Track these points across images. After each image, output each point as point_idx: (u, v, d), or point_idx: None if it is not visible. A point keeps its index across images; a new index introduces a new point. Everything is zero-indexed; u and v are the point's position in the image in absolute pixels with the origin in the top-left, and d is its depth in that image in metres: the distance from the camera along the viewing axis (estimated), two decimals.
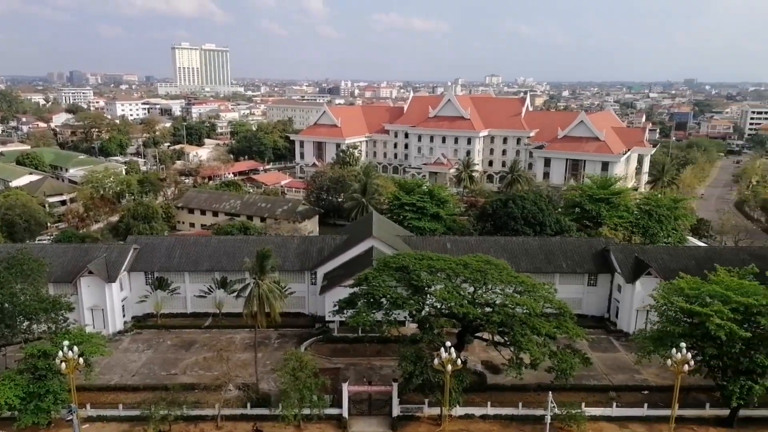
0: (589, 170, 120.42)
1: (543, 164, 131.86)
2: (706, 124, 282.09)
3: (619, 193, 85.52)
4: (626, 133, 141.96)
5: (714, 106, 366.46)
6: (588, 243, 69.66)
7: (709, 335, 42.20)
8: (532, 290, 46.96)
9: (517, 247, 67.84)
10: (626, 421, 46.75)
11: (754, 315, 42.78)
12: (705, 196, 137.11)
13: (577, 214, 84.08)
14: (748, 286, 45.16)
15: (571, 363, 43.35)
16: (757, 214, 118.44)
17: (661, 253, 64.73)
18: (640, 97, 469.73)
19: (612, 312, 65.71)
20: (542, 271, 64.43)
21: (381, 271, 48.40)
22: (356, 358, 56.70)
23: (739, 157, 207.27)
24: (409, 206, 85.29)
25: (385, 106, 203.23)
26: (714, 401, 47.26)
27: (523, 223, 76.75)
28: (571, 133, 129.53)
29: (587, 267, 66.07)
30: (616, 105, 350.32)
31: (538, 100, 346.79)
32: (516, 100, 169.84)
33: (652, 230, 79.13)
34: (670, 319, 46.06)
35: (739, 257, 61.41)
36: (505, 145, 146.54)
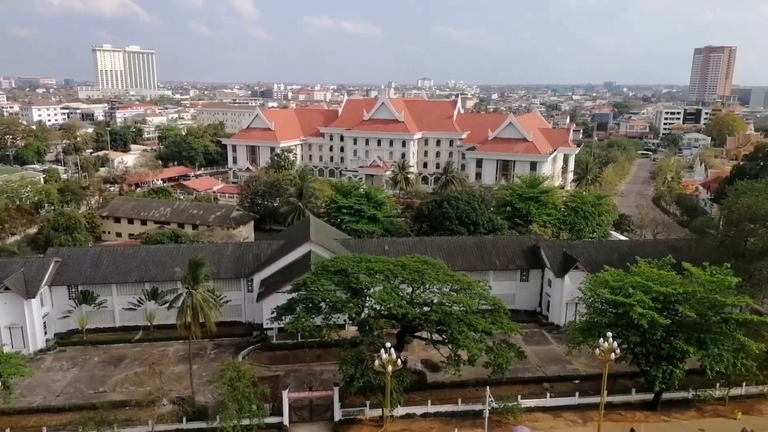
0: (518, 170, 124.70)
1: (475, 165, 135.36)
2: (624, 125, 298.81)
3: (547, 192, 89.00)
4: (552, 134, 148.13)
5: (631, 108, 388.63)
6: (519, 240, 72.06)
7: (633, 324, 44.62)
8: (468, 288, 48.04)
9: (453, 246, 69.24)
10: (560, 410, 48.64)
11: (672, 303, 45.62)
12: (625, 193, 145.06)
13: (509, 213, 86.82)
14: (666, 276, 48.11)
15: (507, 357, 44.68)
16: (673, 208, 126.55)
17: (587, 248, 67.86)
18: (565, 99, 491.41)
19: (543, 306, 68.26)
20: (477, 269, 66.07)
21: (319, 276, 48.09)
22: (296, 364, 56.01)
23: (655, 155, 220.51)
24: (347, 209, 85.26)
25: (320, 110, 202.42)
26: (639, 386, 49.92)
27: (458, 222, 78.43)
28: (501, 135, 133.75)
29: (519, 263, 68.33)
30: (542, 107, 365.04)
31: (468, 103, 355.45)
32: (448, 102, 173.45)
33: (579, 226, 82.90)
34: (597, 310, 48.36)
35: (657, 249, 65.28)
36: (439, 147, 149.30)
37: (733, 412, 48.18)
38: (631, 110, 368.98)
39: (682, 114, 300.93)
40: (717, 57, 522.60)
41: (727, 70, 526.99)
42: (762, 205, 55.65)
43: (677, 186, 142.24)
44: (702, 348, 44.61)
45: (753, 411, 48.94)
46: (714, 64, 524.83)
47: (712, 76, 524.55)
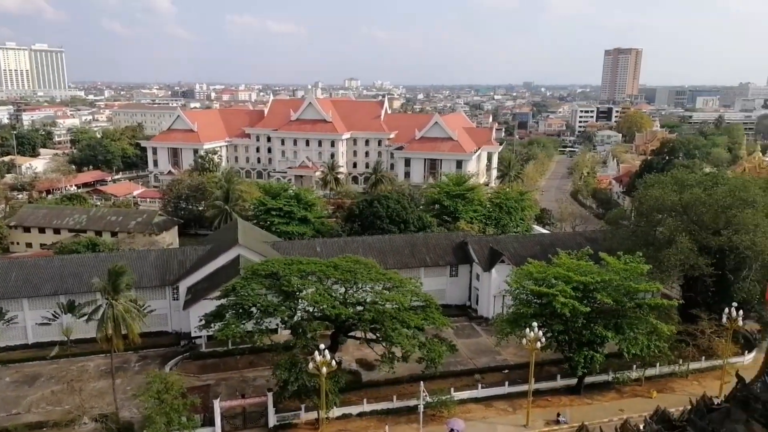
0: (445, 168, 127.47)
1: (404, 164, 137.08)
2: (543, 123, 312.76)
3: (472, 189, 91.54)
4: (476, 133, 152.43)
5: (549, 107, 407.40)
6: (448, 237, 73.70)
7: (556, 313, 46.77)
8: (400, 285, 48.63)
9: (384, 245, 69.81)
10: (491, 399, 50.20)
11: (591, 291, 48.20)
12: (545, 188, 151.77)
13: (437, 210, 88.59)
14: (585, 266, 50.77)
15: (439, 351, 45.58)
16: (589, 202, 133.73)
17: (512, 242, 70.43)
18: (487, 99, 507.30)
19: (473, 300, 70.19)
20: (408, 266, 66.97)
21: (249, 280, 47.05)
22: (228, 372, 54.53)
23: (572, 151, 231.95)
24: (276, 211, 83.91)
25: (245, 110, 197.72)
26: (564, 372, 52.39)
27: (389, 221, 79.17)
28: (428, 134, 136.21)
29: (449, 259, 69.90)
30: (466, 107, 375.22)
31: (395, 103, 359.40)
32: (375, 103, 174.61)
33: (503, 221, 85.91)
34: (523, 301, 50.32)
35: (576, 241, 68.77)
36: (368, 147, 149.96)
37: (649, 392, 51.57)
38: (549, 109, 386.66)
39: (595, 112, 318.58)
40: (625, 58, 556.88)
41: (634, 71, 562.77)
42: (668, 196, 59.79)
43: (592, 181, 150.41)
44: (619, 332, 47.49)
45: (666, 389, 52.59)
46: (622, 65, 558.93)
47: (621, 76, 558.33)
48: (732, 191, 57.90)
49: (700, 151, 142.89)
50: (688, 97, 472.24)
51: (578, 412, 47.72)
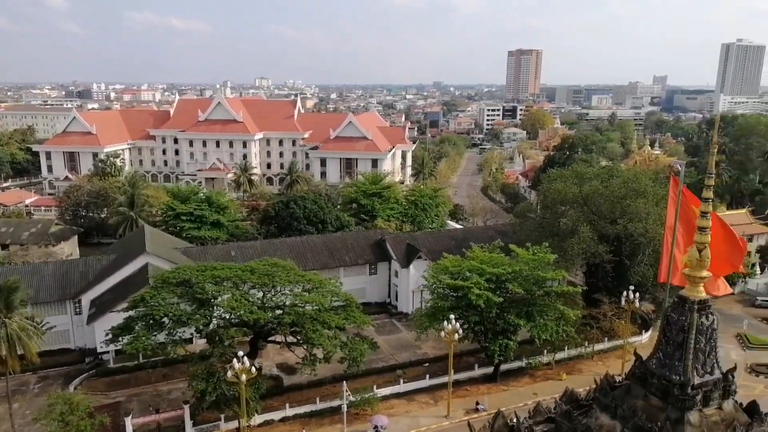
0: (361, 168, 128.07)
1: (319, 164, 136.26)
2: (453, 122, 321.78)
3: (388, 187, 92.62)
4: (390, 132, 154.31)
5: (458, 106, 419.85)
6: (366, 235, 74.09)
7: (472, 305, 48.35)
8: (320, 286, 48.22)
9: (302, 246, 69.00)
10: (413, 393, 51.04)
11: (504, 282, 50.26)
12: (458, 185, 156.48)
13: (355, 210, 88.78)
14: (497, 259, 52.84)
15: (361, 350, 45.68)
16: (499, 197, 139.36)
17: (428, 238, 71.96)
18: (399, 99, 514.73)
19: (392, 296, 71.04)
20: (328, 267, 66.62)
21: (160, 289, 44.79)
22: (139, 387, 51.65)
23: (481, 148, 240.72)
24: (186, 216, 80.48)
25: (149, 110, 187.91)
26: (481, 362, 54.30)
27: (306, 222, 78.31)
28: (342, 134, 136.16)
29: (367, 258, 70.26)
30: (379, 106, 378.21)
31: (308, 103, 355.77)
32: (288, 102, 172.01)
33: (419, 218, 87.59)
34: (440, 295, 51.58)
35: (488, 234, 71.43)
36: (282, 147, 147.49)
37: (559, 374, 54.58)
38: (458, 108, 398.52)
39: (501, 111, 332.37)
40: (527, 59, 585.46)
41: (536, 71, 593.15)
42: (569, 189, 63.55)
43: (501, 176, 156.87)
44: (530, 320, 49.85)
45: (575, 371, 55.88)
46: (525, 66, 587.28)
47: (524, 76, 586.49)
48: (626, 183, 62.45)
49: (596, 146, 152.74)
50: (585, 96, 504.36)
51: (496, 399, 49.63)
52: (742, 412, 20.51)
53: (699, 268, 19.92)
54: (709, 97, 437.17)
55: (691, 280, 20.17)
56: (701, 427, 19.29)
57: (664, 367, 20.31)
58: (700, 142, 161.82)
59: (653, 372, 20.59)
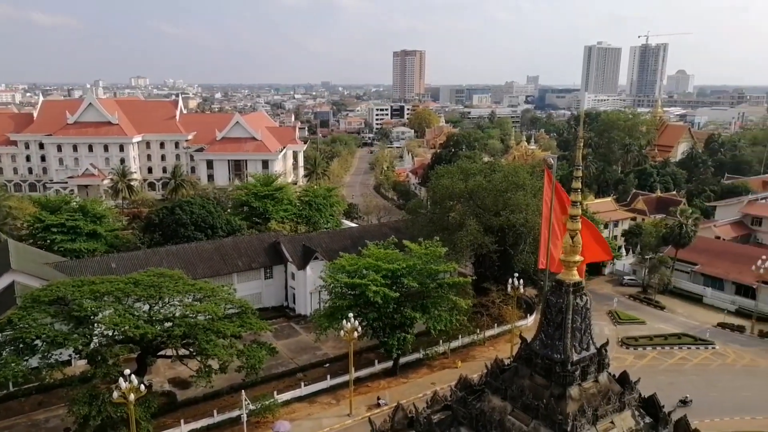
0: (251, 169, 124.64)
1: (206, 167, 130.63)
2: (343, 121, 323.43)
3: (281, 189, 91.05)
4: (280, 132, 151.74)
5: (347, 105, 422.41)
6: (260, 239, 72.37)
7: (370, 301, 49.00)
8: (212, 295, 46.42)
9: (191, 253, 65.94)
10: (315, 396, 50.71)
11: (399, 277, 51.43)
12: (351, 184, 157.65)
13: (246, 213, 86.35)
14: (392, 255, 53.98)
15: (259, 357, 44.59)
16: (391, 194, 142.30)
17: (324, 238, 71.82)
18: (287, 98, 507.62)
19: (290, 299, 70.07)
20: (220, 273, 64.28)
21: (30, 309, 40.67)
22: (11, 418, 46.59)
23: (372, 147, 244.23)
24: (57, 227, 73.59)
25: (8, 113, 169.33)
26: (381, 357, 55.18)
27: (194, 228, 74.88)
28: (230, 135, 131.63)
29: (262, 261, 68.70)
30: (267, 106, 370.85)
31: (191, 103, 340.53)
32: (169, 102, 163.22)
33: (314, 219, 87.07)
34: (338, 294, 51.73)
35: (382, 232, 72.70)
36: (164, 150, 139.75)
37: (455, 362, 56.89)
38: (348, 108, 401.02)
39: (389, 110, 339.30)
40: (411, 59, 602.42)
41: (420, 71, 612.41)
42: (456, 185, 66.46)
43: (392, 174, 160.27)
44: (426, 312, 51.51)
45: (469, 358, 58.53)
46: (409, 66, 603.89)
47: (409, 75, 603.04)
48: (506, 177, 66.49)
49: (479, 143, 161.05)
50: (466, 95, 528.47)
51: (396, 392, 50.70)
52: (615, 383, 22.68)
53: (572, 254, 21.72)
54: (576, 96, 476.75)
55: (566, 264, 21.94)
56: (581, 399, 21.06)
57: (546, 347, 21.92)
58: (569, 137, 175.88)
59: (537, 352, 22.16)
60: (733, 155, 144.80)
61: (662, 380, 50.94)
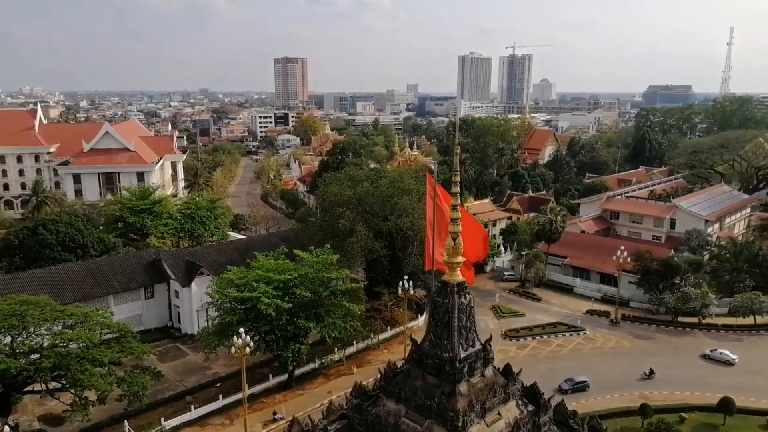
0: (125, 182, 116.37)
1: (73, 181, 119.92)
2: (225, 129, 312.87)
3: (160, 202, 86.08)
4: (156, 142, 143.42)
5: (229, 113, 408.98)
6: (138, 256, 67.89)
7: (261, 315, 47.86)
8: (85, 320, 42.87)
9: (60, 276, 60.29)
10: (206, 418, 48.54)
11: (291, 288, 50.78)
12: (236, 194, 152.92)
13: (122, 229, 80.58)
14: (282, 265, 53.15)
15: (142, 383, 41.86)
16: (279, 203, 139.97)
17: (209, 252, 68.97)
18: (163, 106, 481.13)
19: (174, 318, 66.43)
20: (93, 296, 59.45)
21: None
22: None
23: (257, 156, 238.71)
24: None
25: None
26: (275, 371, 54.06)
27: (62, 249, 68.50)
28: (99, 146, 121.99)
29: (141, 280, 64.52)
30: (140, 114, 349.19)
31: (53, 112, 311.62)
32: (25, 112, 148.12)
33: (198, 232, 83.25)
34: (227, 310, 49.96)
35: (271, 242, 71.24)
36: (22, 165, 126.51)
37: (351, 369, 57.17)
38: (229, 116, 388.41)
39: (273, 118, 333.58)
40: (293, 66, 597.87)
41: (303, 78, 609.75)
42: (344, 192, 67.00)
43: (279, 183, 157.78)
44: (320, 321, 51.29)
45: (364, 363, 59.08)
46: (292, 73, 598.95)
47: (292, 83, 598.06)
48: (392, 182, 68.23)
49: (365, 150, 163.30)
50: (350, 103, 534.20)
51: (293, 405, 49.94)
52: (500, 375, 24.09)
53: (455, 255, 22.81)
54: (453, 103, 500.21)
55: (450, 265, 22.99)
56: (470, 395, 22.14)
57: (435, 347, 22.79)
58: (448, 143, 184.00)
59: (427, 353, 22.96)
60: (592, 156, 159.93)
61: (542, 368, 54.92)
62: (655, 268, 70.51)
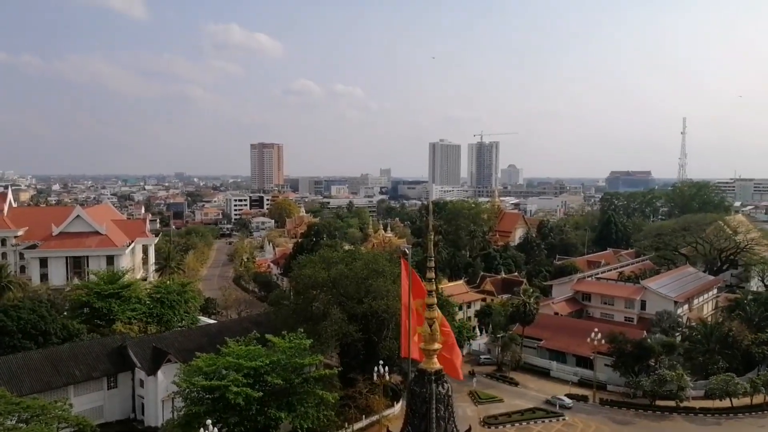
0: (94, 266, 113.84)
1: (39, 265, 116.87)
2: (199, 212, 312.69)
3: (128, 286, 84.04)
4: (128, 225, 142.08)
5: (204, 196, 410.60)
6: (102, 343, 65.26)
7: (230, 405, 45.89)
8: (42, 413, 40.51)
9: (17, 365, 57.22)
10: None
11: (262, 375, 49.15)
12: (208, 277, 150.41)
13: (87, 315, 77.82)
14: (254, 351, 51.66)
15: None
16: (252, 286, 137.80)
17: (178, 338, 66.77)
18: (137, 190, 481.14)
19: (138, 410, 63.02)
20: (52, 387, 56.32)
21: None
22: None
23: (231, 238, 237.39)
24: None
25: None
26: None
27: (21, 336, 65.51)
28: (69, 229, 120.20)
29: (104, 369, 61.66)
30: (113, 198, 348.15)
31: (23, 195, 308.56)
32: None
33: (167, 317, 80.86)
34: (194, 400, 47.82)
35: (243, 326, 69.41)
36: None
37: None
38: (204, 199, 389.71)
39: (248, 200, 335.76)
40: (269, 151, 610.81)
41: (279, 163, 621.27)
42: (319, 274, 66.64)
43: (253, 265, 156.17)
44: (291, 410, 49.32)
45: None
46: (268, 158, 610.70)
47: (268, 167, 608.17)
48: (367, 264, 68.28)
49: (339, 232, 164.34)
50: (324, 186, 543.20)
51: None
52: None
53: (431, 341, 22.74)
54: (425, 187, 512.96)
55: (426, 353, 22.84)
56: None
57: None
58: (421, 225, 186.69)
59: None
60: (561, 238, 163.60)
61: None
62: (630, 350, 70.64)
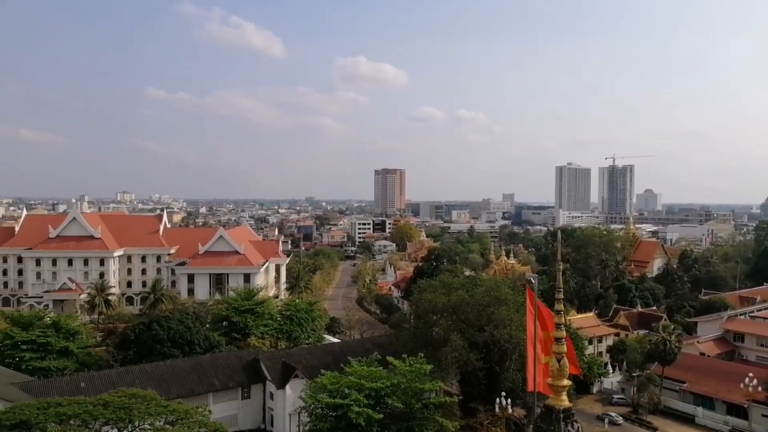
0: (232, 283, 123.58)
1: (187, 281, 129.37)
2: (326, 235, 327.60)
3: (262, 303, 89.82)
4: (263, 246, 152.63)
5: (330, 220, 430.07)
6: (238, 355, 70.09)
7: (352, 424, 46.71)
8: (185, 417, 44.00)
9: (166, 371, 63.28)
10: None
11: (383, 397, 49.57)
12: (333, 297, 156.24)
13: (226, 328, 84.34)
14: (375, 372, 52.35)
15: None
16: (374, 308, 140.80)
17: (305, 355, 69.78)
18: (271, 213, 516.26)
19: (267, 421, 66.50)
20: (195, 393, 61.34)
21: None
22: None
23: (355, 260, 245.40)
24: (28, 344, 70.67)
25: None
26: None
27: (171, 344, 72.52)
28: (212, 248, 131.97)
29: (239, 380, 66.01)
30: (251, 220, 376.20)
31: (176, 217, 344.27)
32: (153, 217, 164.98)
33: (295, 333, 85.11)
34: (319, 416, 49.39)
35: (365, 347, 70.92)
36: (145, 264, 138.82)
37: None
38: (331, 222, 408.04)
39: (371, 224, 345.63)
40: (392, 177, 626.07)
41: (401, 188, 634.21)
42: (439, 299, 66.33)
43: (375, 287, 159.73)
44: None
45: None
46: (390, 183, 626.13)
47: (390, 192, 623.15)
48: (488, 291, 66.67)
49: (459, 257, 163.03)
50: (445, 211, 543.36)
51: None
52: None
53: (560, 377, 21.56)
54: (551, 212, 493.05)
55: (554, 389, 21.69)
56: None
57: None
58: (547, 252, 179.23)
59: None
60: (708, 271, 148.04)
61: None
62: None
